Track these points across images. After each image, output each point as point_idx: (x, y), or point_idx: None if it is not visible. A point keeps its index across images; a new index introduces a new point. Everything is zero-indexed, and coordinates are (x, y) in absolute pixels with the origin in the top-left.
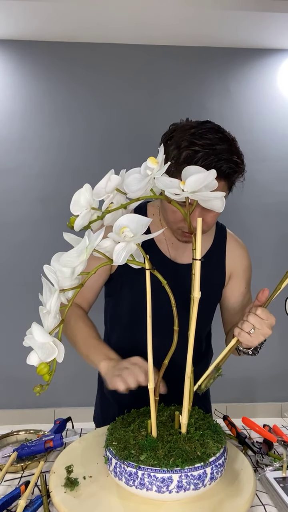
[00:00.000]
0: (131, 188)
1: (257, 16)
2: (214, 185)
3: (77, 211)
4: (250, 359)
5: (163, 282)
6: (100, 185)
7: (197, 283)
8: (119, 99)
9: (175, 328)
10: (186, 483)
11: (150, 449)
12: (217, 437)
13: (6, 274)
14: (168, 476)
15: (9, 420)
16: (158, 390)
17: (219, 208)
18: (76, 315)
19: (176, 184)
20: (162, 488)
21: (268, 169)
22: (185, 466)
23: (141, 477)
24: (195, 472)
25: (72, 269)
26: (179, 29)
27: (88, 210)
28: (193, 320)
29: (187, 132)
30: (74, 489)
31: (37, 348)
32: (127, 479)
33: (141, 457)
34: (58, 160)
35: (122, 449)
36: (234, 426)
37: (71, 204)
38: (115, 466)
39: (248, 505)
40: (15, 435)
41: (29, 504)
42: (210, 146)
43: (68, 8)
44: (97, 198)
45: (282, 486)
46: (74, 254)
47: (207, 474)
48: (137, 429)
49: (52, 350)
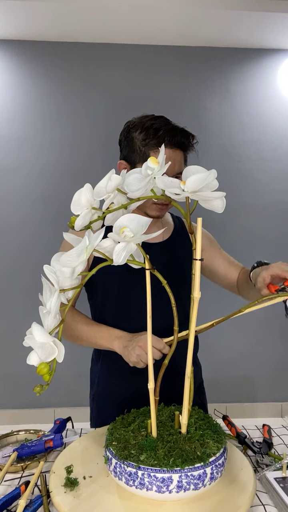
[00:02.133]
0: (132, 188)
1: (257, 16)
2: (214, 185)
3: (78, 210)
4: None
5: (163, 282)
6: (100, 185)
7: (197, 283)
8: (119, 99)
9: (175, 328)
10: (186, 483)
11: (150, 449)
12: (217, 437)
13: (6, 274)
14: (168, 476)
15: (9, 420)
16: (158, 390)
17: (219, 208)
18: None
19: (177, 184)
20: (162, 488)
21: (268, 168)
22: (185, 466)
23: (141, 477)
24: (195, 472)
25: (72, 269)
26: (179, 29)
27: (89, 210)
28: (193, 320)
29: (146, 118)
30: (74, 489)
31: (37, 348)
32: (127, 479)
33: (141, 457)
34: (58, 160)
35: (122, 449)
36: (234, 426)
37: (71, 203)
38: (115, 466)
39: (248, 505)
40: (15, 435)
41: (29, 504)
42: (167, 123)
43: (68, 8)
44: (98, 198)
45: (282, 486)
46: (74, 254)
47: (207, 474)
48: (137, 429)
49: (52, 350)
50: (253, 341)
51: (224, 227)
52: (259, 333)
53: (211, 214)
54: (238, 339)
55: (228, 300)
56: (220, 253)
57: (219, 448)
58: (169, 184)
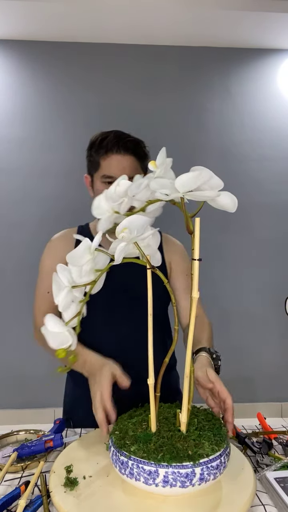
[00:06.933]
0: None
1: (257, 16)
2: (217, 184)
3: (100, 215)
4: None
5: (165, 282)
6: (109, 191)
7: (195, 283)
8: (119, 99)
9: (175, 327)
10: (173, 479)
11: (144, 442)
12: (216, 440)
13: (5, 274)
14: (154, 469)
15: (9, 420)
16: (158, 386)
17: (230, 207)
18: None
19: (168, 184)
20: (149, 480)
21: (267, 168)
22: (172, 462)
23: (131, 467)
24: (182, 470)
25: (79, 267)
26: (179, 29)
27: (111, 214)
28: (192, 320)
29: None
30: (74, 489)
31: (49, 336)
32: (120, 467)
33: (131, 448)
34: (58, 160)
35: (120, 438)
36: (233, 426)
37: (92, 208)
38: (112, 453)
39: (248, 505)
40: (15, 435)
41: (29, 504)
42: (116, 132)
43: (68, 8)
44: (113, 203)
45: (282, 486)
46: (78, 254)
47: (196, 474)
48: (139, 422)
49: (66, 339)
50: (253, 341)
51: (223, 227)
52: (259, 333)
53: (210, 214)
54: (238, 339)
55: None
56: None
57: (214, 451)
58: (164, 185)
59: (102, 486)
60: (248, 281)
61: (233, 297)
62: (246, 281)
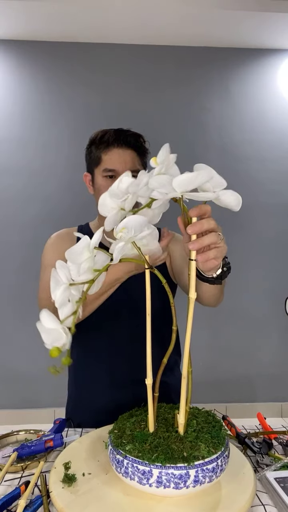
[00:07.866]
0: (134, 190)
1: (257, 16)
2: (219, 183)
3: (105, 212)
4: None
5: (163, 281)
6: (113, 188)
7: (193, 284)
8: (119, 99)
9: (174, 328)
10: (166, 480)
11: (139, 441)
12: (214, 442)
13: (6, 274)
14: (148, 469)
15: (9, 420)
16: (157, 387)
17: (234, 206)
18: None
19: (166, 182)
20: (143, 480)
21: (267, 168)
22: (166, 463)
23: (126, 466)
24: (176, 471)
25: (78, 265)
26: (179, 29)
27: (117, 211)
28: (189, 320)
29: (98, 132)
30: (71, 485)
31: (43, 332)
32: (116, 465)
33: (126, 447)
34: (58, 160)
35: (118, 437)
36: (233, 426)
37: (98, 206)
38: (110, 452)
39: (248, 505)
40: (15, 435)
41: (29, 504)
42: (118, 128)
43: (68, 8)
44: (117, 199)
45: (282, 486)
46: (77, 251)
47: (190, 476)
48: (138, 422)
49: (59, 336)
50: (253, 341)
51: (223, 227)
52: (259, 333)
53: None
54: (238, 339)
55: None
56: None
57: (210, 453)
58: (163, 183)
59: (100, 483)
60: (248, 281)
61: (233, 297)
62: (246, 281)
